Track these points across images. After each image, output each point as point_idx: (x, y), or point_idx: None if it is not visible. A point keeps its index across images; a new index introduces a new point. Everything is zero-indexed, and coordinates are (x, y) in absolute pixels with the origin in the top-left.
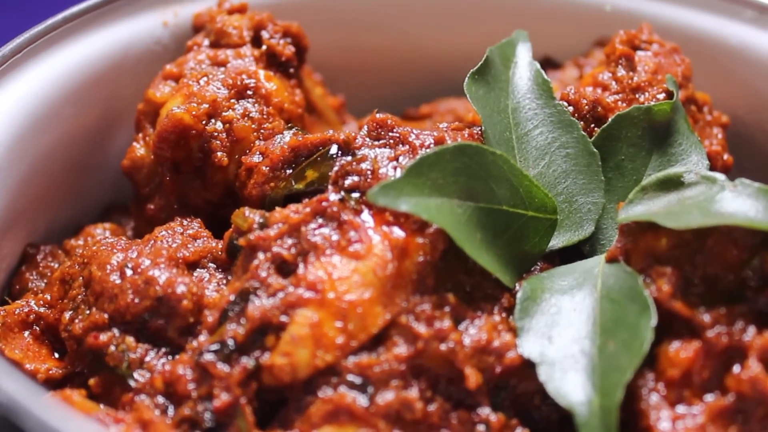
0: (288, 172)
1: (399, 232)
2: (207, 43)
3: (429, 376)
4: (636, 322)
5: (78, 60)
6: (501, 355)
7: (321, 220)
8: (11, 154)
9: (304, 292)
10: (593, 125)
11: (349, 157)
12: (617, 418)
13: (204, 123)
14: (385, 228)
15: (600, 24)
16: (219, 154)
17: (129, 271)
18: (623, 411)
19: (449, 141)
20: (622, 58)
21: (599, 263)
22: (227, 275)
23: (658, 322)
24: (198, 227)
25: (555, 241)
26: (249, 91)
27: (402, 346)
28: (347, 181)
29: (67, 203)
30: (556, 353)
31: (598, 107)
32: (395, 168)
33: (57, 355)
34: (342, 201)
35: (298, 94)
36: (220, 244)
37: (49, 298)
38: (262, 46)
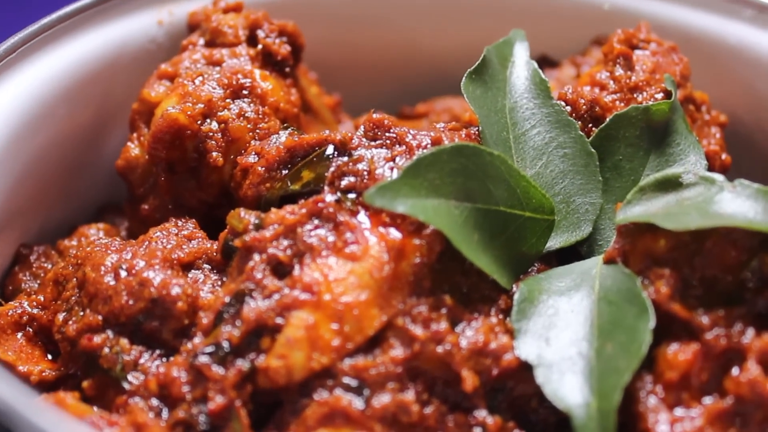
0: (284, 172)
1: (395, 234)
2: (202, 42)
3: (425, 379)
4: (634, 324)
5: (72, 59)
6: (498, 358)
7: (317, 221)
8: (5, 154)
9: (299, 293)
10: (591, 125)
11: (345, 158)
12: (615, 421)
13: (199, 123)
14: (381, 229)
15: (598, 22)
16: (214, 154)
17: (123, 273)
18: (621, 413)
19: (446, 141)
20: (620, 58)
21: (597, 264)
22: (222, 276)
23: (657, 324)
24: (193, 228)
25: (552, 242)
26: (244, 90)
27: (398, 349)
28: (343, 182)
29: (61, 203)
30: (554, 355)
31: (596, 107)
32: (392, 169)
33: (50, 356)
34: (338, 202)
35: (293, 93)
36: (215, 245)
37: (42, 299)
38: (258, 46)
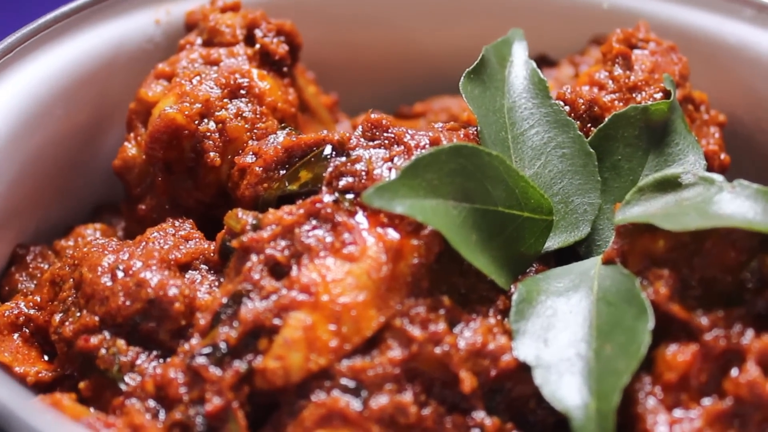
0: (281, 172)
1: (394, 234)
2: (200, 41)
3: (423, 380)
4: (633, 325)
5: (69, 59)
6: (496, 359)
7: (315, 222)
8: (1, 154)
9: (297, 294)
10: (590, 125)
11: (343, 158)
12: (614, 423)
13: (196, 123)
14: (379, 230)
15: (596, 21)
16: (212, 154)
17: (120, 273)
18: (620, 415)
19: (445, 141)
20: (619, 57)
21: (595, 265)
22: (220, 277)
23: (656, 325)
24: (190, 228)
25: (551, 242)
26: (242, 90)
27: (396, 350)
28: (341, 182)
29: (58, 203)
30: (552, 356)
31: (595, 107)
32: (390, 169)
33: (47, 357)
34: (336, 202)
35: (291, 93)
36: (212, 245)
37: (39, 299)
38: (256, 45)
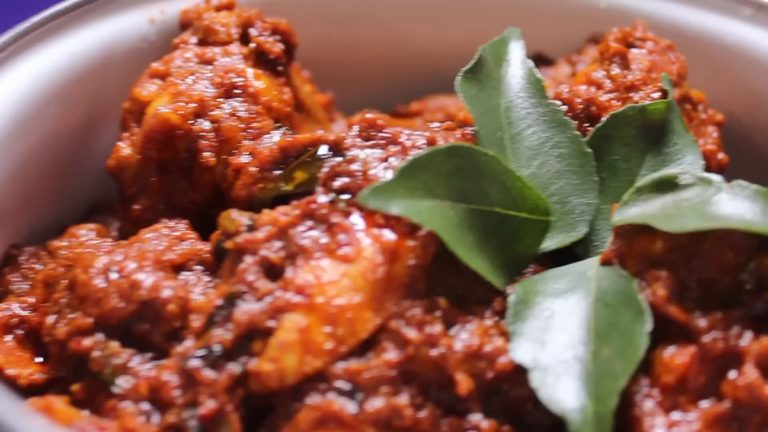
0: (276, 173)
1: (389, 235)
2: (194, 40)
3: (419, 382)
4: (631, 327)
5: (63, 57)
6: (492, 361)
7: (310, 223)
8: None
9: (292, 296)
10: (587, 124)
11: (339, 158)
12: (612, 425)
13: (191, 122)
14: (375, 231)
15: (594, 20)
16: (206, 154)
17: (114, 275)
18: (617, 417)
19: (441, 142)
20: (616, 56)
21: (593, 266)
22: (214, 278)
23: (653, 327)
24: (185, 229)
25: (548, 243)
26: (237, 89)
27: (392, 352)
28: (337, 183)
29: (51, 203)
30: (549, 358)
31: (592, 106)
32: (386, 169)
33: (41, 359)
34: (331, 203)
35: (286, 92)
36: (207, 246)
37: (32, 300)
38: (251, 44)
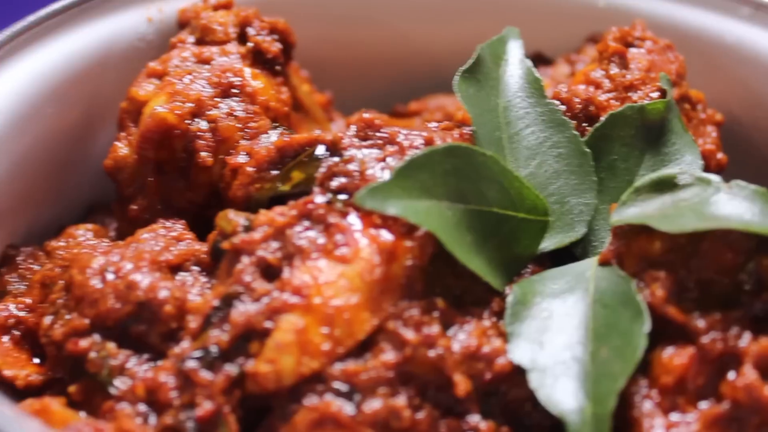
0: (273, 173)
1: (387, 236)
2: (192, 39)
3: (417, 383)
4: (629, 327)
5: (60, 57)
6: (491, 362)
7: (307, 223)
8: None
9: (289, 297)
10: (585, 124)
11: (336, 158)
12: (610, 427)
13: (188, 122)
14: (372, 231)
15: (593, 20)
16: (203, 154)
17: (110, 276)
18: (616, 418)
19: (439, 142)
20: (615, 56)
21: (592, 266)
22: (212, 278)
23: (652, 328)
24: (182, 229)
25: (546, 243)
26: (234, 89)
27: (389, 353)
28: (334, 183)
29: (49, 203)
30: (548, 359)
31: (591, 106)
32: (383, 169)
33: (38, 360)
34: (329, 203)
35: (284, 91)
36: (204, 246)
37: (29, 301)
38: (248, 43)
